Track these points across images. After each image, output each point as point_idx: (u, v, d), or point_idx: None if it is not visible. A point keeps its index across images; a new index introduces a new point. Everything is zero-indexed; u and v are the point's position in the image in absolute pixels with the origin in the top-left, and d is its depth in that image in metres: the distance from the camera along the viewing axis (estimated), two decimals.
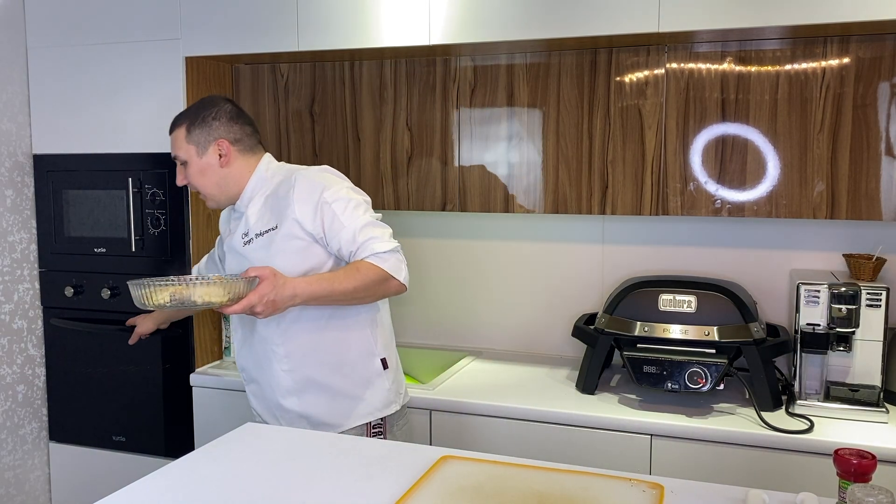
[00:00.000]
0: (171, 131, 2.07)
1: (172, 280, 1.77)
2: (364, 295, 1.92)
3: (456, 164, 2.61)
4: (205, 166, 2.05)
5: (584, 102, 2.44)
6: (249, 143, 2.07)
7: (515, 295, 2.82)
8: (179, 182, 2.08)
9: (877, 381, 2.18)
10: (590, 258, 2.73)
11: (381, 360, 2.07)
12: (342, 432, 2.00)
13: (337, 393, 2.02)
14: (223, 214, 2.24)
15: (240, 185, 2.07)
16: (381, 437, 2.06)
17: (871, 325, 2.16)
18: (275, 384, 2.05)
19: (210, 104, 2.06)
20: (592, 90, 2.43)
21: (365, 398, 2.04)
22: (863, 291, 2.15)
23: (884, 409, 2.10)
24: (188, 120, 2.05)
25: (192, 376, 2.64)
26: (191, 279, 1.78)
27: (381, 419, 2.06)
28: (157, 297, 1.71)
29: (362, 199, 2.00)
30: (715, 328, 2.20)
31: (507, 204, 2.57)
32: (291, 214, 1.95)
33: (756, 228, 2.55)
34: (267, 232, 1.99)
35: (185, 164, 2.06)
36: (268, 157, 2.11)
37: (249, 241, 2.02)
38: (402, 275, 1.94)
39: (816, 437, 1.99)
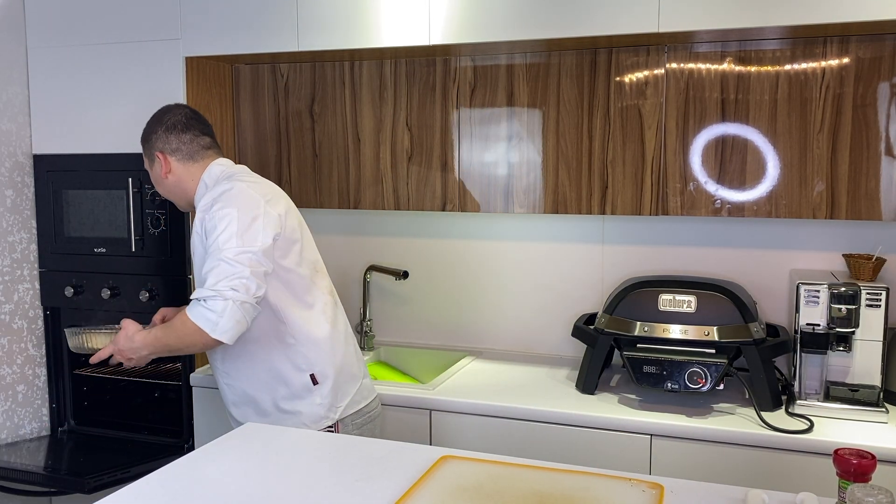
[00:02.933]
0: None
1: (84, 328, 2.16)
2: (189, 347, 1.91)
3: (456, 164, 2.61)
4: (156, 177, 2.17)
5: (584, 102, 2.44)
6: (189, 150, 2.11)
7: (515, 295, 2.82)
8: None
9: (876, 381, 2.18)
10: (590, 258, 2.73)
11: (310, 375, 2.05)
12: None
13: (267, 407, 2.06)
14: None
15: (189, 192, 2.13)
16: None
17: (870, 325, 2.16)
18: (223, 394, 2.15)
19: (154, 118, 2.16)
20: (592, 90, 2.43)
21: (294, 412, 2.05)
22: (862, 291, 2.15)
23: (883, 409, 2.10)
24: (142, 136, 2.18)
25: (192, 376, 2.64)
26: (96, 330, 2.14)
27: (331, 427, 2.07)
28: (70, 342, 2.13)
29: (249, 218, 1.92)
30: (715, 328, 2.20)
31: (507, 204, 2.57)
32: (196, 225, 2.01)
33: (756, 228, 2.55)
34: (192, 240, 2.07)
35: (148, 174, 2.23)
36: (214, 164, 2.11)
37: (192, 245, 2.09)
38: (217, 331, 1.82)
39: (816, 437, 1.99)
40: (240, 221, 1.90)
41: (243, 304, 1.83)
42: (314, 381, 2.06)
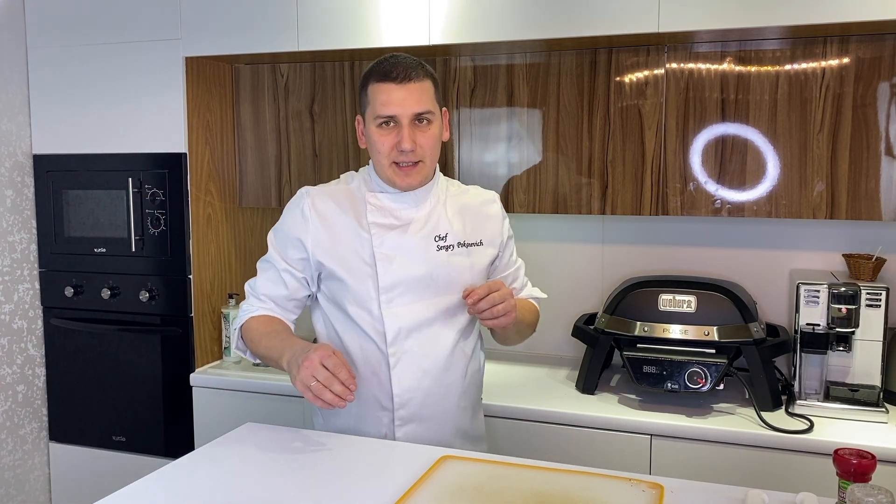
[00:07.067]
0: (406, 79, 1.66)
1: None
2: (526, 334, 1.95)
3: (456, 164, 2.61)
4: (442, 133, 1.76)
5: (584, 102, 2.44)
6: None
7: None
8: (409, 145, 1.67)
9: (876, 381, 2.19)
10: (590, 258, 2.72)
11: None
12: None
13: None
14: (320, 208, 1.77)
15: (434, 165, 1.79)
16: None
17: (870, 325, 2.16)
18: (451, 412, 1.83)
19: None
20: (592, 90, 2.43)
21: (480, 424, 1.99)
22: (862, 291, 2.15)
23: (883, 409, 2.10)
24: (431, 75, 1.72)
25: (192, 376, 2.64)
26: None
27: None
28: None
29: None
30: (715, 328, 2.20)
31: (506, 204, 2.56)
32: (497, 237, 1.87)
33: (756, 228, 2.55)
34: (472, 245, 1.80)
35: (427, 122, 1.70)
36: None
37: (449, 247, 1.76)
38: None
39: (816, 437, 1.99)
40: None
41: None
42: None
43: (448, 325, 1.78)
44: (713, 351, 2.19)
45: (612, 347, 2.35)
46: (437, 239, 1.76)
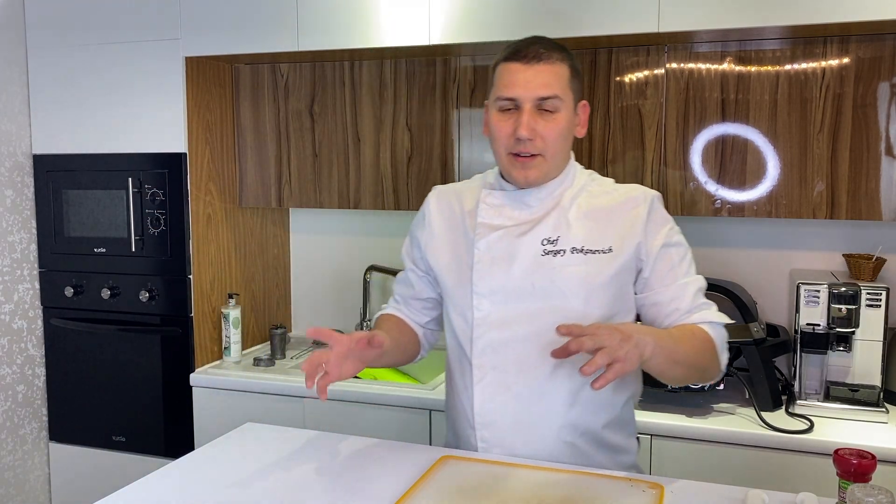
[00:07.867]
0: (536, 59, 1.50)
1: None
2: (693, 370, 1.49)
3: (456, 164, 2.61)
4: (572, 126, 1.56)
5: None
6: None
7: None
8: (526, 132, 1.49)
9: (877, 381, 2.19)
10: None
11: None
12: None
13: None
14: (437, 206, 1.69)
15: (563, 164, 1.60)
16: None
17: (870, 325, 2.16)
18: (549, 446, 1.59)
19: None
20: (592, 90, 2.43)
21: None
22: (863, 291, 2.15)
23: (884, 409, 2.10)
24: (570, 59, 1.53)
25: (192, 376, 2.64)
26: None
27: None
28: None
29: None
30: None
31: None
32: (633, 241, 1.53)
33: (756, 228, 2.55)
34: (595, 252, 1.52)
35: (553, 111, 1.51)
36: None
37: (559, 252, 1.52)
38: (724, 357, 1.54)
39: (816, 437, 1.99)
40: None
41: None
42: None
43: (550, 343, 1.44)
44: None
45: None
46: (544, 242, 1.54)
